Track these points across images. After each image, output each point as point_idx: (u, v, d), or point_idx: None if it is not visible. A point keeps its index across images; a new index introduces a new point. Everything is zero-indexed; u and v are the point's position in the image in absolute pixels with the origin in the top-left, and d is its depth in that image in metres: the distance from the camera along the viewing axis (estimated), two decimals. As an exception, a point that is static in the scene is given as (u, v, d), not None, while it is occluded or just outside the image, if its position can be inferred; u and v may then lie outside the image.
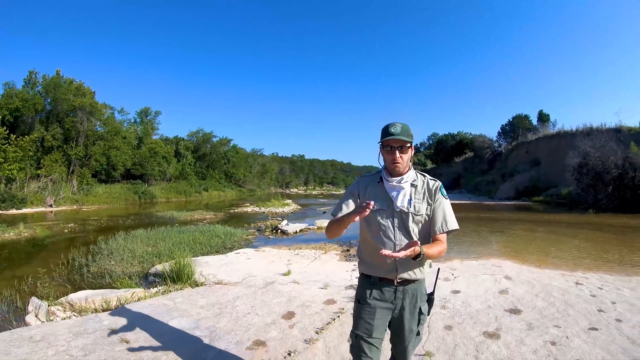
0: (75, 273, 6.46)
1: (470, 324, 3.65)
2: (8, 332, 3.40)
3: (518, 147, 37.82)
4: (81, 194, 27.64)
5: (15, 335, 3.28)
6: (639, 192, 18.33)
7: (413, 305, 1.91)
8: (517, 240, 10.14)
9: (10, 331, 3.43)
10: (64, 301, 4.41)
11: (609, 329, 3.57)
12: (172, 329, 3.47)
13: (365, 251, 1.99)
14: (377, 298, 1.89)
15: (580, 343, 3.23)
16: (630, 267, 6.71)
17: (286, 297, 4.57)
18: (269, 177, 73.08)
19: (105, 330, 3.39)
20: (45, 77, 30.22)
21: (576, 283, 5.28)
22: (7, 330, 3.52)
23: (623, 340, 3.30)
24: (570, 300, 4.46)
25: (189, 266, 5.25)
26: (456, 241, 9.43)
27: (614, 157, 19.36)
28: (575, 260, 7.31)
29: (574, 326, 3.62)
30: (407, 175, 1.90)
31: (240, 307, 4.14)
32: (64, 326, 3.51)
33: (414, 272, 1.87)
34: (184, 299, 4.40)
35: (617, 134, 24.00)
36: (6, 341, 3.12)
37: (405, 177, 1.89)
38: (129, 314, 3.84)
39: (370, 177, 2.03)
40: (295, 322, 3.69)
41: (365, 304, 1.91)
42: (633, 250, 8.29)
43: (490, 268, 6.19)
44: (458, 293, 4.74)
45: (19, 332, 3.35)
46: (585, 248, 8.73)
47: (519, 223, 14.43)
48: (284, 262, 6.89)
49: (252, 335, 3.34)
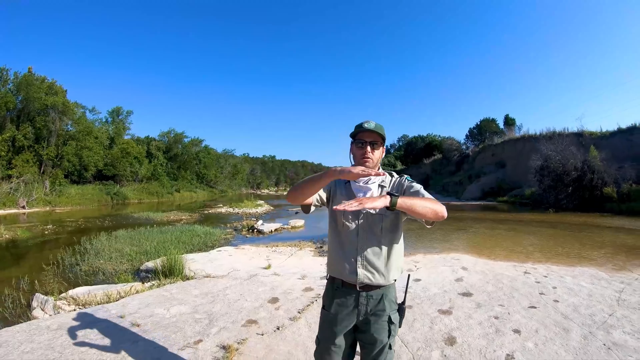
0: (68, 272, 6.75)
1: (427, 304, 4.32)
2: (25, 323, 3.78)
3: (485, 149, 39.30)
4: (54, 195, 27.23)
5: (33, 326, 3.67)
6: (596, 192, 19.60)
7: (379, 314, 1.84)
8: (477, 237, 11.00)
9: (27, 323, 3.80)
10: (67, 296, 4.80)
11: (546, 307, 4.28)
12: (175, 313, 3.98)
13: (331, 251, 1.95)
14: (339, 304, 1.86)
15: (519, 317, 3.92)
16: (576, 259, 7.52)
17: (269, 286, 5.14)
18: (240, 177, 73.16)
19: (115, 317, 3.86)
20: (17, 75, 29.61)
21: (524, 272, 6.03)
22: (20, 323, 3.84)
23: (557, 315, 4.00)
24: (516, 285, 5.19)
25: (179, 262, 5.74)
26: (421, 238, 10.22)
27: (574, 160, 20.66)
28: (528, 254, 8.11)
29: (516, 305, 4.33)
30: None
31: (230, 295, 4.69)
32: (74, 317, 3.93)
33: (376, 276, 1.81)
34: (179, 290, 4.90)
35: (579, 138, 25.39)
36: (26, 331, 3.50)
37: (373, 178, 1.82)
38: (133, 303, 4.31)
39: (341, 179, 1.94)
40: (280, 305, 4.28)
41: (328, 311, 1.89)
42: (582, 245, 9.16)
43: (450, 261, 6.92)
44: (419, 281, 5.42)
45: (35, 324, 3.74)
46: (538, 243, 9.58)
47: (482, 222, 15.37)
48: (263, 257, 7.44)
49: (245, 316, 3.90)
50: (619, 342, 3.32)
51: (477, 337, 3.39)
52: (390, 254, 1.82)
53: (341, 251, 1.85)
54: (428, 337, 3.39)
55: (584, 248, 8.78)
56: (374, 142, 1.82)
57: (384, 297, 1.83)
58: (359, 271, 1.78)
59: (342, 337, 1.85)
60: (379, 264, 1.79)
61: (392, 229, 1.83)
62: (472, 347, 3.18)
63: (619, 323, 3.80)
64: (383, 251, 1.81)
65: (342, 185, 1.94)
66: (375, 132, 1.79)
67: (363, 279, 1.78)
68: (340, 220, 1.85)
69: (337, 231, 1.89)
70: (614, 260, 7.24)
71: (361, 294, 1.81)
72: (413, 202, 1.58)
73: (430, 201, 1.63)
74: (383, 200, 1.53)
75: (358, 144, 1.83)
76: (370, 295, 1.81)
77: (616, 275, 5.94)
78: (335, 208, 1.55)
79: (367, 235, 1.81)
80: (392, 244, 1.83)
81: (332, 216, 1.93)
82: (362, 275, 1.78)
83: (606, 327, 3.69)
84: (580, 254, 8.01)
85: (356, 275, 1.78)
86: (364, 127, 1.80)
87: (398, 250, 1.87)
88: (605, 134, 25.82)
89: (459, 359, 2.99)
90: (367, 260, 1.79)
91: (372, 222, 1.81)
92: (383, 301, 1.82)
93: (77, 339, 3.32)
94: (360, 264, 1.79)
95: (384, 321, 1.81)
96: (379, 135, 1.81)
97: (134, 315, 3.90)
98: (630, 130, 24.17)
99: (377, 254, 1.80)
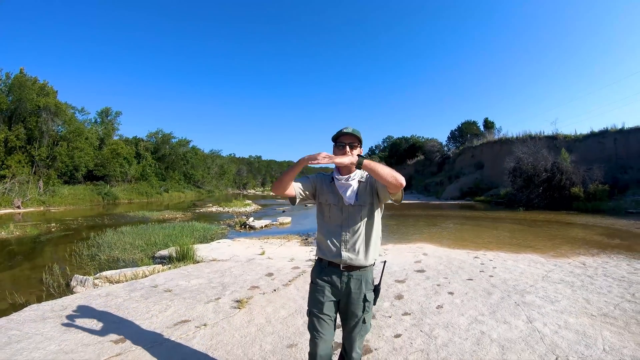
0: (91, 260, 7.82)
1: (388, 276, 5.63)
2: (79, 293, 4.94)
3: (465, 151, 40.83)
4: (47, 195, 27.84)
5: (86, 294, 4.80)
6: (565, 192, 20.90)
7: (358, 291, 2.12)
8: (445, 231, 12.35)
9: (81, 293, 4.96)
10: (102, 276, 5.88)
11: (481, 280, 5.52)
12: (195, 284, 5.20)
13: (319, 238, 2.24)
14: (325, 280, 2.15)
15: (456, 285, 5.19)
16: (525, 248, 8.68)
17: (265, 266, 6.42)
18: (226, 178, 74.06)
19: (149, 287, 5.05)
20: (8, 75, 30.03)
21: (475, 257, 7.31)
22: (70, 295, 4.97)
23: (487, 285, 5.23)
24: (463, 266, 6.46)
25: (191, 249, 6.96)
26: (394, 232, 11.68)
27: (544, 162, 22.05)
28: (484, 244, 9.38)
29: (457, 278, 5.60)
30: (355, 173, 2.15)
31: (235, 271, 5.95)
32: (117, 287, 5.10)
33: (358, 257, 2.12)
34: (194, 269, 6.13)
35: (553, 141, 26.83)
36: (82, 298, 4.62)
37: (352, 175, 2.14)
38: (159, 278, 5.50)
39: (325, 176, 2.28)
40: (275, 277, 5.57)
41: (316, 284, 2.18)
42: (535, 237, 10.39)
43: (414, 249, 8.25)
44: (384, 262, 6.66)
45: (88, 292, 4.91)
46: (498, 236, 10.88)
47: (453, 218, 16.80)
48: (257, 247, 8.68)
49: (249, 284, 5.17)
50: (527, 302, 4.46)
51: (420, 296, 4.68)
52: (369, 239, 2.16)
53: (328, 237, 2.16)
54: (383, 294, 4.69)
55: (536, 240, 9.95)
56: (352, 144, 2.11)
57: (363, 277, 2.14)
58: (343, 253, 2.10)
59: (328, 307, 2.13)
60: (360, 247, 2.12)
61: (369, 217, 2.17)
62: (413, 301, 4.47)
63: (535, 290, 4.95)
64: (363, 237, 2.14)
65: (328, 184, 2.23)
66: (353, 135, 2.11)
67: (347, 260, 2.10)
68: (327, 212, 2.20)
69: (324, 221, 2.21)
70: (558, 250, 8.34)
71: (344, 273, 2.12)
72: (376, 165, 1.90)
73: (391, 169, 1.94)
74: (350, 158, 1.90)
75: (339, 146, 2.12)
76: (351, 274, 2.12)
77: (552, 260, 7.08)
78: (311, 163, 1.86)
79: (349, 223, 2.13)
80: (371, 230, 2.17)
81: (320, 209, 2.25)
82: (346, 256, 2.10)
83: (523, 293, 4.84)
84: (531, 245, 9.18)
85: (341, 257, 2.11)
86: (343, 132, 2.10)
87: (376, 237, 2.21)
88: (578, 137, 27.18)
89: (402, 306, 4.27)
90: (350, 244, 2.12)
91: (353, 212, 2.14)
92: (361, 281, 2.13)
93: (125, 300, 4.50)
94: (344, 247, 2.12)
95: (360, 298, 2.12)
96: (357, 137, 2.12)
97: (164, 285, 5.10)
98: (603, 133, 25.57)
99: (358, 239, 2.13)
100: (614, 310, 4.12)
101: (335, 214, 2.16)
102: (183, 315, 3.94)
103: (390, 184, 1.93)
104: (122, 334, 3.44)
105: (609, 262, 6.85)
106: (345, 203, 2.13)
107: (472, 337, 3.38)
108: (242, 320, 3.82)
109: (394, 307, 4.28)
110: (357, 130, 2.13)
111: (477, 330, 3.54)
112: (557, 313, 4.03)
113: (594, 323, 3.71)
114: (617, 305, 4.27)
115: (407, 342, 3.30)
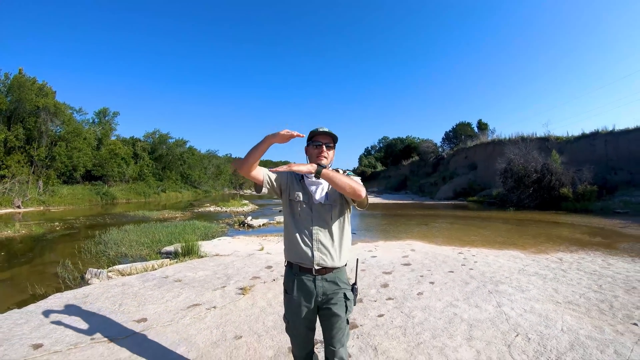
0: (100, 256, 8.30)
1: (376, 268, 6.21)
2: (97, 284, 5.44)
3: (459, 152, 41.58)
4: (47, 195, 28.19)
5: (103, 284, 5.32)
6: (554, 193, 21.53)
7: (336, 292, 2.06)
8: (435, 229, 12.89)
9: (98, 283, 5.47)
10: (114, 269, 6.36)
11: (461, 272, 6.06)
12: (202, 275, 5.74)
13: (288, 239, 2.13)
14: (299, 289, 2.07)
15: (438, 277, 5.74)
16: (508, 245, 9.14)
17: (264, 260, 6.96)
18: (223, 178, 74.44)
19: (160, 278, 5.58)
20: (7, 76, 30.24)
21: (459, 253, 7.83)
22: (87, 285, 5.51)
23: (466, 276, 5.75)
24: (447, 260, 7.00)
25: (196, 245, 7.51)
26: (386, 230, 12.27)
27: (535, 163, 22.68)
28: (471, 241, 9.88)
29: (440, 271, 6.15)
30: None
31: (237, 265, 6.49)
32: (131, 278, 5.62)
33: (330, 258, 2.05)
34: (199, 263, 6.67)
35: (545, 143, 27.57)
36: (100, 287, 5.13)
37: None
38: (169, 271, 6.03)
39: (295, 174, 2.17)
40: (274, 269, 6.12)
41: (290, 295, 2.10)
42: (520, 236, 10.88)
43: (403, 245, 8.82)
44: (375, 257, 7.28)
45: (105, 283, 5.43)
46: (484, 234, 11.39)
47: (445, 218, 17.36)
48: (256, 244, 9.20)
49: (250, 275, 5.72)
50: (500, 290, 4.97)
51: (403, 285, 5.24)
52: (341, 238, 2.11)
53: (299, 237, 2.07)
54: (370, 283, 5.27)
55: (521, 238, 10.44)
56: (328, 144, 2.09)
57: (337, 279, 2.08)
58: (315, 254, 2.02)
59: (306, 314, 2.08)
60: (331, 247, 2.06)
61: (340, 218, 2.11)
62: (397, 289, 5.03)
63: (509, 281, 5.44)
64: (334, 236, 2.09)
65: (297, 181, 2.15)
66: (329, 134, 2.09)
67: (319, 261, 2.02)
68: (297, 210, 2.10)
69: (294, 220, 2.11)
70: (540, 247, 8.76)
71: (317, 277, 2.04)
72: (335, 175, 1.88)
73: (352, 180, 1.91)
74: (309, 167, 1.88)
75: (315, 145, 2.08)
76: (325, 278, 2.05)
77: (532, 256, 7.52)
78: (271, 170, 2.02)
79: (320, 222, 2.07)
80: (342, 230, 2.12)
81: (289, 207, 2.14)
82: (318, 257, 2.02)
83: (497, 283, 5.35)
84: (514, 242, 9.62)
85: (313, 258, 2.02)
86: (319, 130, 2.08)
87: (347, 236, 2.15)
88: (570, 138, 27.86)
89: (387, 293, 4.83)
90: (321, 244, 2.05)
91: (323, 211, 2.08)
92: (336, 282, 2.07)
93: (140, 289, 5.02)
94: (315, 247, 2.03)
95: (341, 298, 2.06)
96: (332, 138, 2.11)
97: (174, 276, 5.63)
98: (594, 135, 26.19)
99: (329, 238, 2.07)
100: (579, 298, 4.60)
101: (305, 212, 2.09)
102: (194, 300, 4.48)
103: (349, 195, 1.94)
104: (142, 315, 3.97)
105: (585, 258, 7.27)
106: (315, 202, 2.08)
107: (445, 317, 3.94)
108: (247, 303, 4.37)
109: (380, 293, 4.83)
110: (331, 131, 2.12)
111: (451, 312, 4.09)
112: (526, 300, 4.54)
113: (558, 309, 4.22)
114: (582, 295, 4.76)
115: (388, 320, 3.86)
